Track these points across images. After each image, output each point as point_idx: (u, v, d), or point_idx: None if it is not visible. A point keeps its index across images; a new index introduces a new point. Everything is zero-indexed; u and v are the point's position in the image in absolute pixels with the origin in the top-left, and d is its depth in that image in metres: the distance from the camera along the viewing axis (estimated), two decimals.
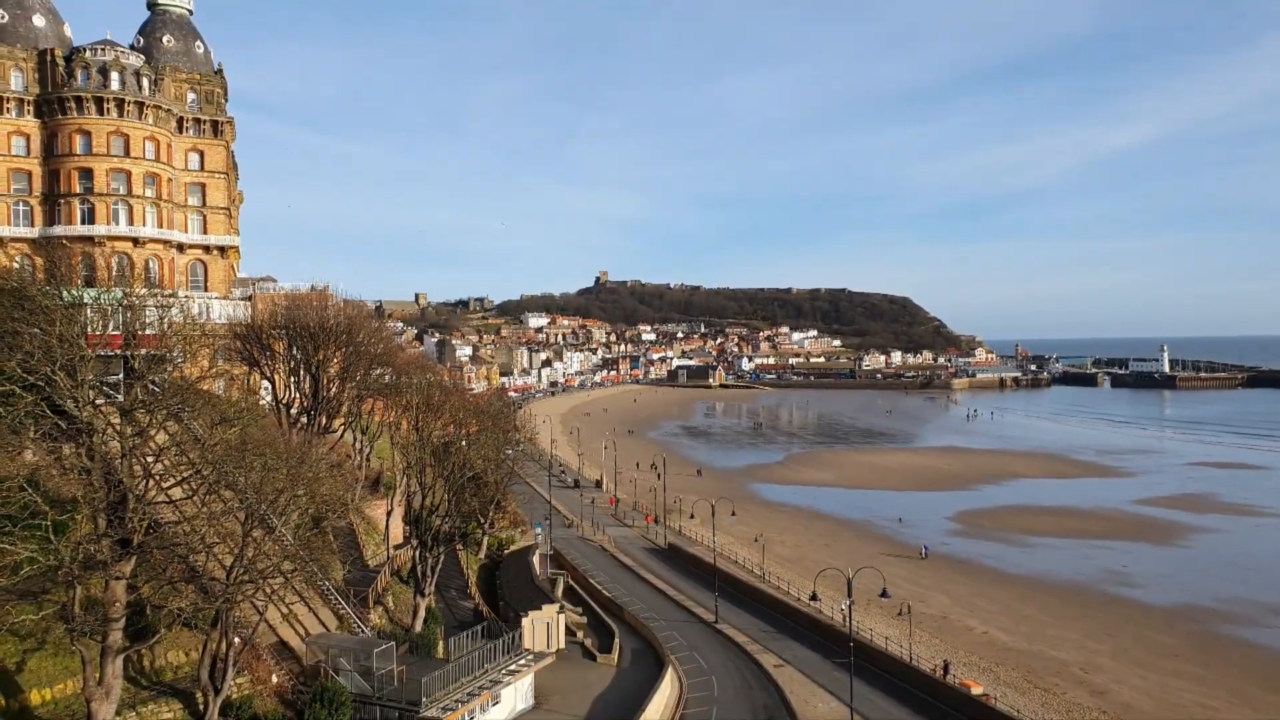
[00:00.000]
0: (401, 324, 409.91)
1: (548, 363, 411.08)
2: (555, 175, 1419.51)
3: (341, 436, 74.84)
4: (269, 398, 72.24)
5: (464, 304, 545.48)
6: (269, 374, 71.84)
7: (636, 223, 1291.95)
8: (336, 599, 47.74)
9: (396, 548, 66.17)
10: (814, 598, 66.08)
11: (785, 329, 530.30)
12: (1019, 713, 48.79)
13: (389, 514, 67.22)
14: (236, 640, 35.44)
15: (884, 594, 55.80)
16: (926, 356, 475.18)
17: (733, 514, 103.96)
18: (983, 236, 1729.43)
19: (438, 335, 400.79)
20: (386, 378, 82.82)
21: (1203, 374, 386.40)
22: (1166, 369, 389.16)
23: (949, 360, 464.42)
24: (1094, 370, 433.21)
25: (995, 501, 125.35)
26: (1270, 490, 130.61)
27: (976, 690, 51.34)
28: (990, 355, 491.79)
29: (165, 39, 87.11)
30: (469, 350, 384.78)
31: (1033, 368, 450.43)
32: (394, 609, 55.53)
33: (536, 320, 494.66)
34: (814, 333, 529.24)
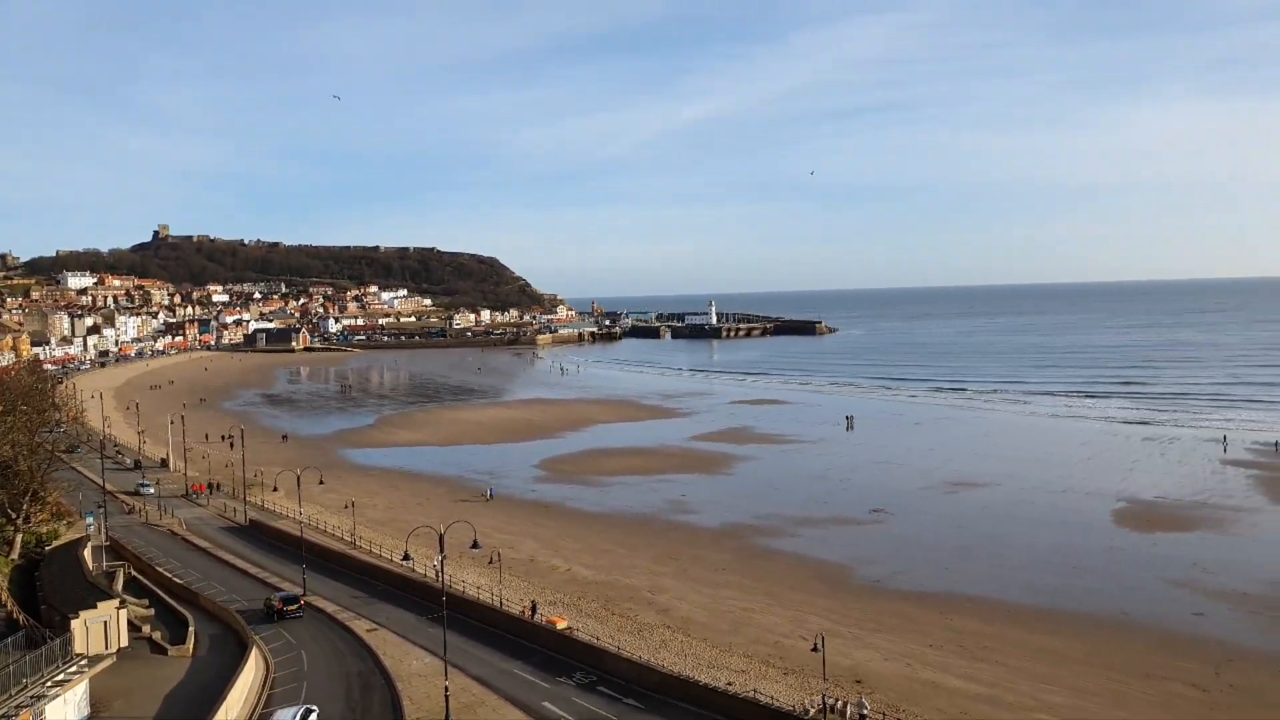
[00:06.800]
0: None
1: (96, 329, 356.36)
2: (109, 115, 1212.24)
3: None
4: None
5: None
6: None
7: (208, 174, 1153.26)
8: None
9: None
10: (406, 557, 66.79)
11: (374, 289, 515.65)
12: (599, 640, 54.00)
13: None
14: None
15: (475, 545, 58.03)
16: (513, 314, 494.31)
17: (320, 482, 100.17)
18: (567, 203, 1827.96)
19: None
20: None
21: (740, 325, 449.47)
22: (714, 321, 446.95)
23: (534, 318, 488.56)
24: (658, 324, 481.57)
25: (576, 447, 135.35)
26: (791, 420, 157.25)
27: (561, 625, 55.95)
28: (570, 313, 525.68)
29: None
30: None
31: (607, 323, 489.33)
32: None
33: (79, 280, 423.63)
34: (404, 292, 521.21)
